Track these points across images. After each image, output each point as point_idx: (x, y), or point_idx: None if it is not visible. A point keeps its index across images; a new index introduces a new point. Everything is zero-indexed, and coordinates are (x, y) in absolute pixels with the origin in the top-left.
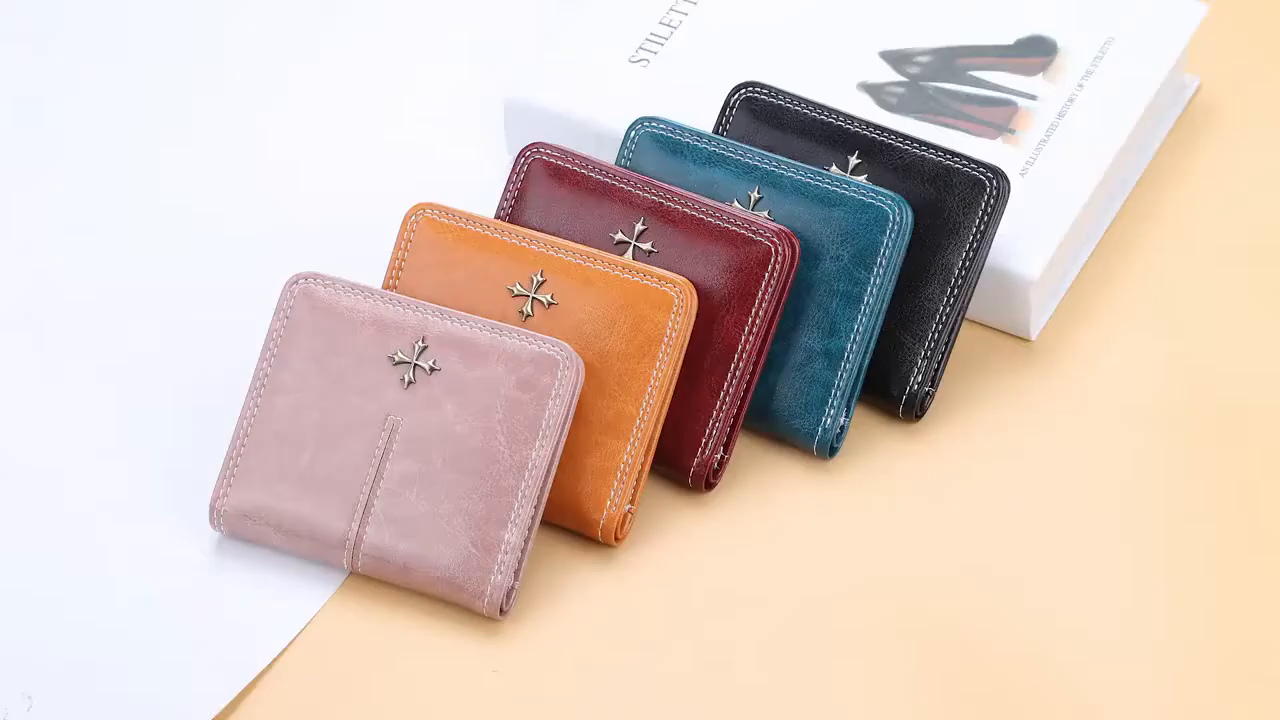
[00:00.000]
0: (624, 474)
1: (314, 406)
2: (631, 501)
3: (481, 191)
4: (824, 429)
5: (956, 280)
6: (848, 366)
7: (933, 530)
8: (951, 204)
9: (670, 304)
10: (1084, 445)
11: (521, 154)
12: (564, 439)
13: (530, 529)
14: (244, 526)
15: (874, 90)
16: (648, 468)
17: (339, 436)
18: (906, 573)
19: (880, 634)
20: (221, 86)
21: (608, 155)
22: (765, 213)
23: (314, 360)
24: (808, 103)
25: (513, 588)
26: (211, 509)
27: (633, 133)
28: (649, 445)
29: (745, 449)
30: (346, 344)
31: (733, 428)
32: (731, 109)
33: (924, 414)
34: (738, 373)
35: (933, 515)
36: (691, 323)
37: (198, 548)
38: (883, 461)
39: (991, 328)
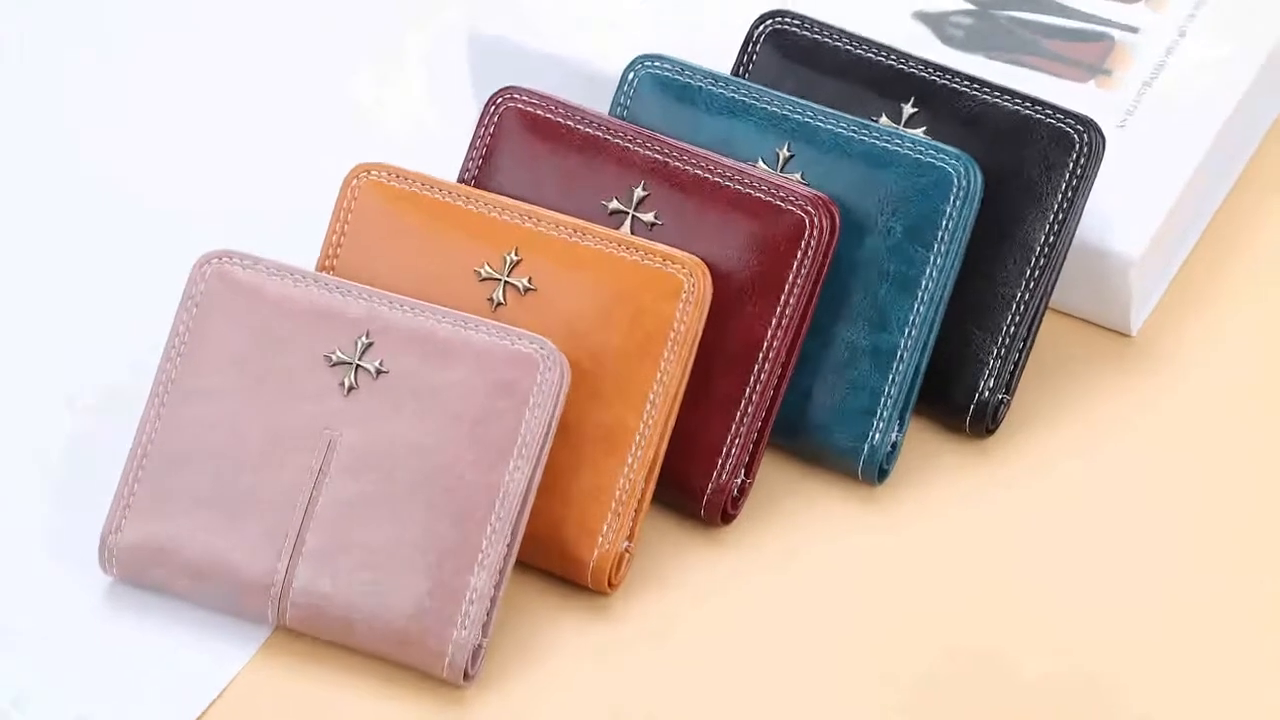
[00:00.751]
0: (620, 502)
1: (231, 418)
2: (629, 537)
3: (441, 148)
4: (871, 446)
5: (1038, 260)
6: (901, 368)
7: (1008, 576)
8: (1031, 164)
9: (678, 290)
10: (1198, 467)
11: (491, 101)
12: (545, 458)
13: (503, 572)
14: (143, 568)
15: (934, 21)
16: (649, 495)
17: (262, 455)
18: (974, 629)
19: (941, 707)
20: (117, 27)
21: (600, 103)
22: (797, 175)
23: (231, 360)
24: (850, 37)
25: (480, 646)
26: (102, 546)
27: (631, 75)
28: (651, 467)
29: (772, 472)
30: (272, 340)
31: (756, 445)
32: (755, 45)
33: (997, 427)
34: (763, 376)
35: (1008, 557)
36: (704, 313)
37: (85, 595)
38: (945, 487)
39: (1082, 320)
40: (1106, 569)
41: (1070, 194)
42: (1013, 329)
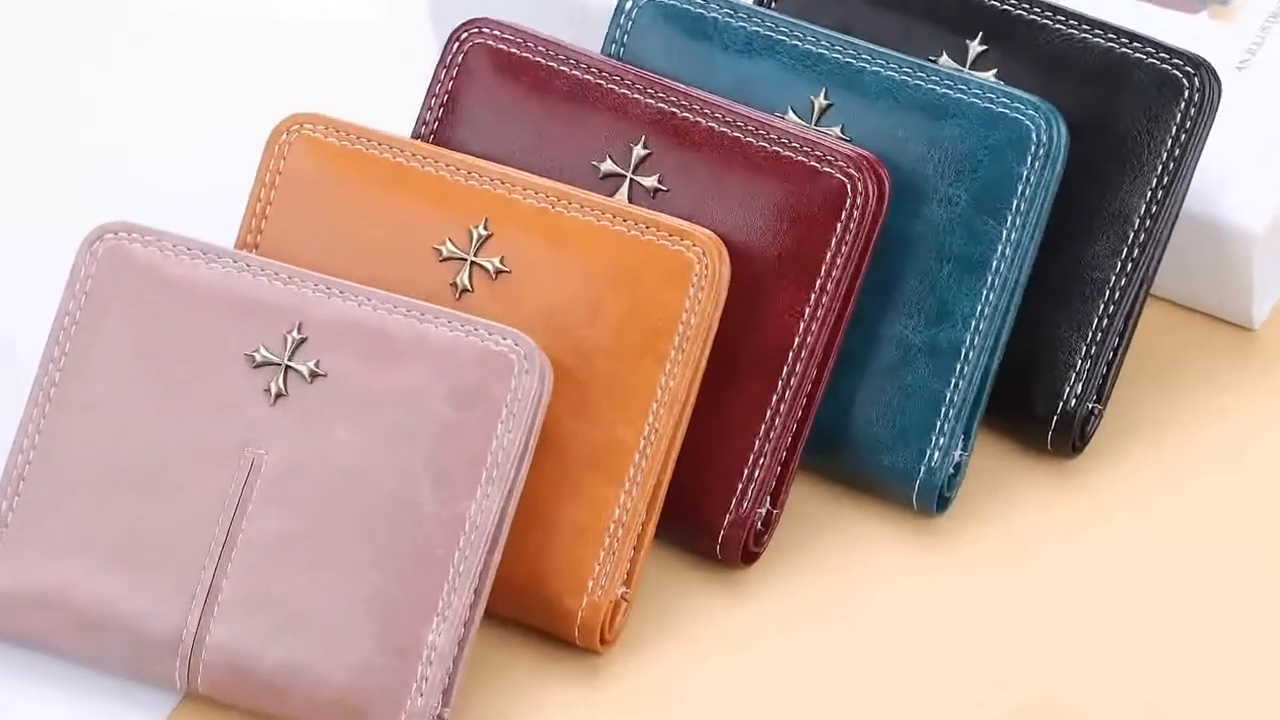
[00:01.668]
0: (616, 539)
1: (128, 433)
2: (627, 583)
3: (394, 95)
4: (929, 468)
5: (1137, 235)
6: (966, 370)
7: (1097, 629)
8: (1129, 115)
9: (687, 272)
10: None
11: (454, 37)
12: (521, 484)
13: (469, 625)
14: (20, 619)
15: None
16: (652, 529)
17: (168, 479)
18: (1057, 694)
19: None
20: None
21: (591, 40)
22: (836, 129)
23: (128, 360)
24: None
25: (441, 717)
26: None
27: (629, 3)
28: (654, 494)
29: (805, 500)
30: (180, 335)
31: (785, 467)
32: None
33: (1086, 444)
34: (794, 381)
35: (1097, 605)
36: (721, 301)
37: None
38: (1021, 519)
39: (1192, 310)
40: (1218, 621)
41: (1177, 152)
42: (1105, 321)
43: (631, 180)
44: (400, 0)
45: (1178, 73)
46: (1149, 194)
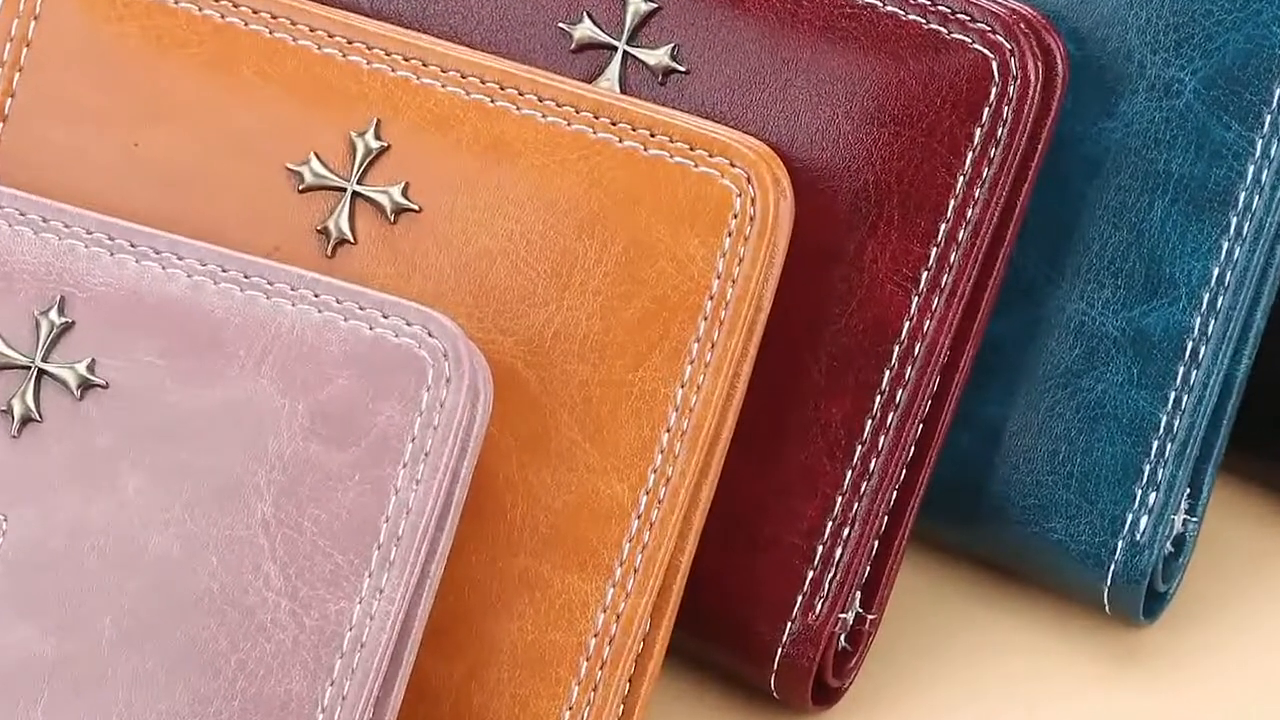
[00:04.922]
0: (600, 665)
1: None
2: None
3: None
4: (1131, 544)
5: None
6: (1195, 378)
7: None
8: None
9: (721, 211)
10: None
11: None
12: (440, 570)
13: None
14: None
15: None
16: (662, 647)
17: None
18: None
19: None
20: None
21: None
22: None
23: None
24: None
25: None
26: None
27: None
28: (666, 590)
29: (923, 597)
30: None
31: (887, 544)
32: None
33: None
34: (902, 397)
35: None
36: (779, 261)
37: None
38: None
39: None
40: None
41: None
42: None
43: (626, 54)
44: None
45: None
46: None
